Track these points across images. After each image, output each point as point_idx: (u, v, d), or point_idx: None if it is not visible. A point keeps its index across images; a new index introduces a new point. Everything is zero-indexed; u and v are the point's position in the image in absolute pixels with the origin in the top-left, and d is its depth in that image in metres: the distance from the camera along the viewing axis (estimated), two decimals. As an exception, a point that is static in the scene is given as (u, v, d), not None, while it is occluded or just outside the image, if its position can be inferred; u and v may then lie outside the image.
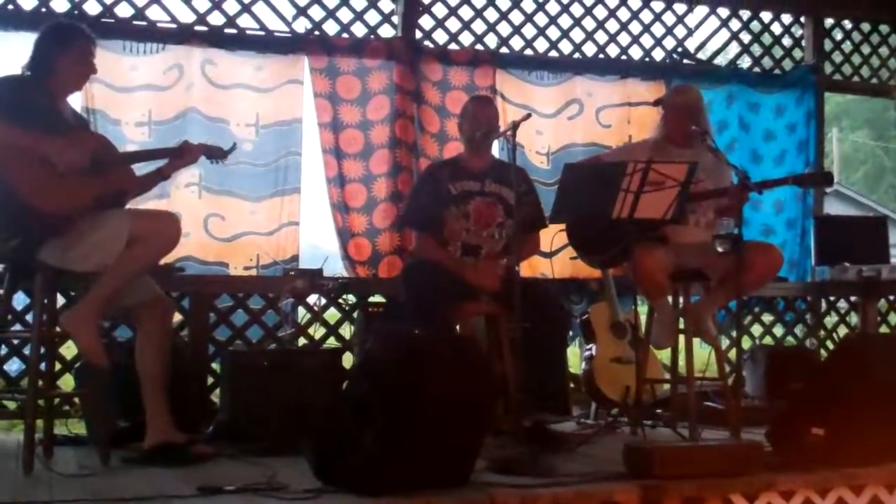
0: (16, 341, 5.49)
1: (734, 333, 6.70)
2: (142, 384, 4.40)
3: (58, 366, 5.35)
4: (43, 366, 4.47)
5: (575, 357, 6.43)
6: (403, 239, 6.25)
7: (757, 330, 7.43)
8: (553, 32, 6.98)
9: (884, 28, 7.92)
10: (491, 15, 6.83)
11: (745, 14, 7.59)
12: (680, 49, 7.28)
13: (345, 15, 6.43)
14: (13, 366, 5.62)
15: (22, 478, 4.03)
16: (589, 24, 7.07)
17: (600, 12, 7.10)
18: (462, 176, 5.38)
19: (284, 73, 6.20)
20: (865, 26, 7.90)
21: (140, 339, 4.48)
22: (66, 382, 5.63)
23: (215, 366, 5.82)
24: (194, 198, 5.93)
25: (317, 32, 6.36)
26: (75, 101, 5.50)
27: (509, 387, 4.85)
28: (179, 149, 4.79)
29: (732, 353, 6.70)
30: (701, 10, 7.41)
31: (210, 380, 5.82)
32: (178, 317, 5.65)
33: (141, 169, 4.79)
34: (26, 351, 5.32)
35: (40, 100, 4.30)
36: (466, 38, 6.76)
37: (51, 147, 4.14)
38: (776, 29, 7.73)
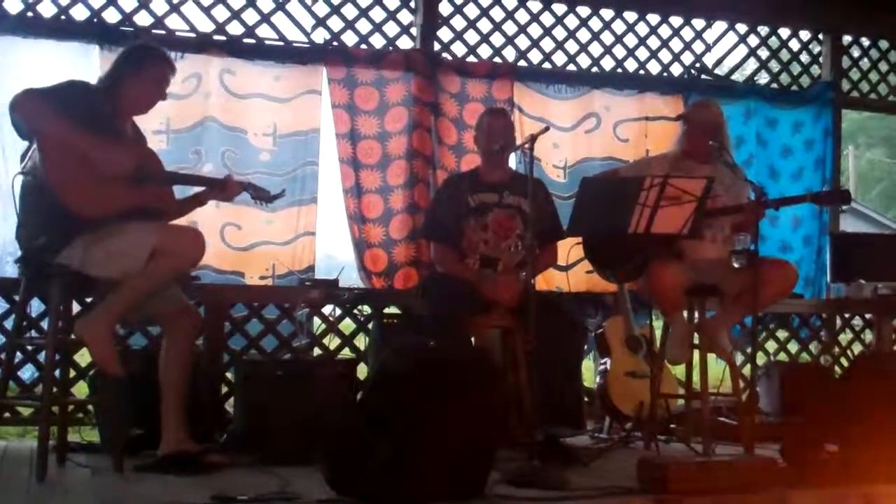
0: (30, 348, 5.50)
1: (749, 349, 6.68)
2: (162, 392, 4.42)
3: (72, 373, 5.36)
4: (57, 373, 4.49)
5: (589, 371, 6.42)
6: (419, 250, 6.24)
7: (772, 346, 7.41)
8: (571, 46, 6.97)
9: (902, 45, 7.92)
10: (510, 28, 6.85)
11: (764, 30, 7.59)
12: (698, 64, 7.28)
13: (364, 26, 6.46)
14: (27, 372, 5.63)
15: (35, 484, 4.04)
16: (607, 38, 7.07)
17: (619, 27, 7.10)
18: (480, 188, 5.39)
19: (303, 84, 6.20)
20: (883, 44, 7.89)
21: (165, 348, 4.49)
22: (81, 389, 5.64)
23: (229, 375, 5.82)
24: (211, 207, 5.86)
25: (335, 43, 6.37)
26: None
27: (524, 400, 4.84)
28: (222, 182, 4.81)
29: (747, 369, 6.67)
30: (719, 26, 7.42)
31: (224, 389, 5.82)
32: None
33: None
34: (41, 357, 5.34)
35: (103, 109, 4.35)
36: (485, 51, 6.77)
37: (97, 150, 4.19)
38: (794, 45, 7.71)
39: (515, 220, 5.34)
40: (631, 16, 7.14)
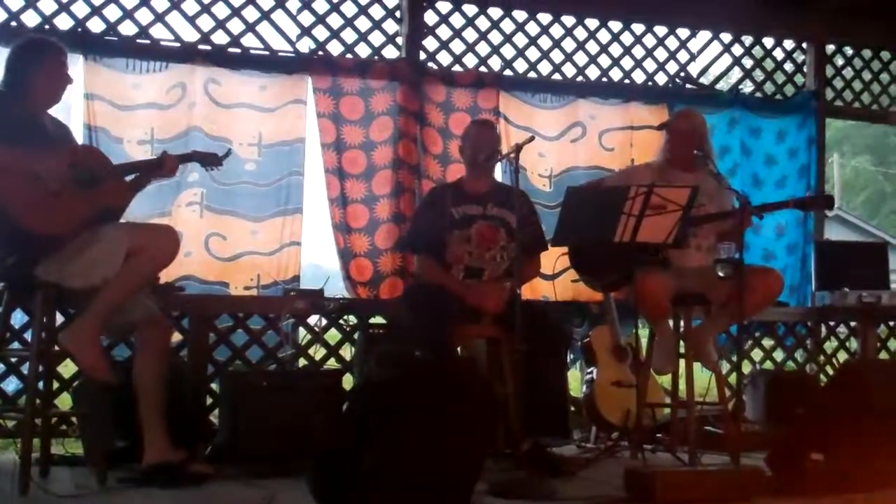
0: (14, 360, 5.46)
1: (735, 358, 6.69)
2: (139, 403, 4.39)
3: (55, 385, 5.32)
4: (40, 384, 4.47)
5: (576, 380, 6.41)
6: (405, 260, 6.23)
7: (757, 354, 7.41)
8: (557, 55, 6.99)
9: (885, 55, 7.94)
10: (495, 37, 6.84)
11: (748, 39, 7.60)
12: (682, 73, 7.30)
13: (349, 35, 6.45)
14: (10, 385, 5.59)
15: (18, 498, 4.01)
16: (592, 47, 7.09)
17: (604, 36, 7.12)
18: (464, 199, 5.38)
19: (288, 93, 6.19)
20: (867, 52, 7.93)
21: (138, 358, 4.48)
22: (64, 401, 5.61)
23: (214, 386, 5.79)
24: (196, 217, 5.91)
25: (321, 53, 6.36)
26: (77, 119, 5.54)
27: (510, 410, 4.83)
28: (159, 160, 4.75)
29: (733, 378, 6.69)
30: (703, 35, 7.44)
31: (209, 400, 5.79)
32: (177, 336, 5.64)
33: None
34: (24, 369, 5.31)
35: (20, 114, 4.30)
36: (470, 60, 6.76)
37: (38, 162, 4.15)
38: (778, 54, 7.74)
39: (499, 231, 5.33)
40: (616, 25, 7.16)
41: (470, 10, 6.77)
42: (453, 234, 5.31)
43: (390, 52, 6.57)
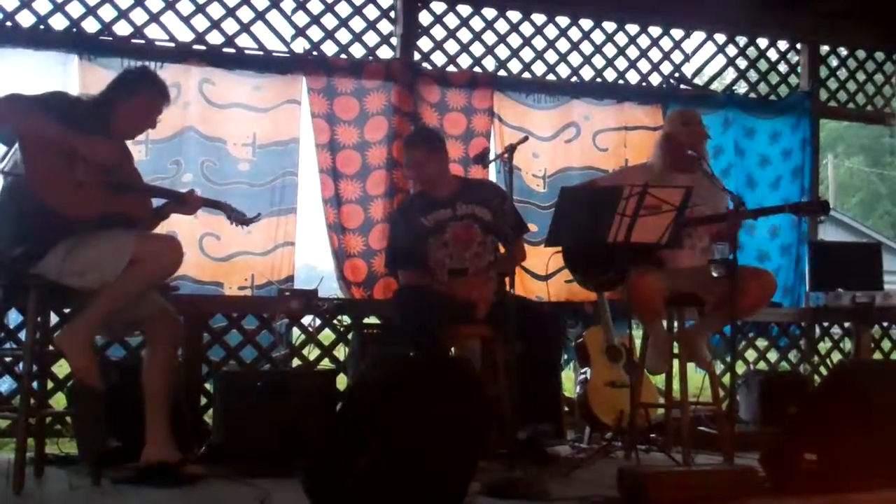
0: (8, 359, 5.46)
1: (728, 358, 6.69)
2: (146, 400, 4.39)
3: (50, 384, 5.33)
4: (35, 384, 4.46)
5: (569, 380, 6.42)
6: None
7: (751, 355, 7.42)
8: (551, 56, 6.98)
9: (879, 55, 7.95)
10: (489, 38, 6.85)
11: (742, 40, 7.62)
12: (677, 74, 7.30)
13: (343, 36, 6.44)
14: (5, 384, 5.58)
15: (12, 497, 4.00)
16: (587, 48, 7.08)
17: (598, 37, 7.11)
18: (432, 207, 5.41)
19: (282, 93, 6.19)
20: (861, 53, 7.93)
21: (148, 353, 4.49)
22: (58, 401, 5.61)
23: (209, 386, 5.79)
24: (190, 217, 5.88)
25: (315, 53, 6.36)
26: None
27: (503, 410, 4.84)
28: (182, 196, 4.80)
29: (726, 378, 6.68)
30: (698, 36, 7.45)
31: (203, 400, 5.79)
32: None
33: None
34: (18, 369, 5.31)
35: (91, 123, 4.34)
36: (465, 61, 6.77)
37: (81, 142, 4.18)
38: (772, 55, 7.75)
39: (472, 228, 5.36)
40: (610, 26, 7.16)
41: (464, 10, 6.77)
42: (429, 242, 5.33)
43: (385, 53, 6.58)
